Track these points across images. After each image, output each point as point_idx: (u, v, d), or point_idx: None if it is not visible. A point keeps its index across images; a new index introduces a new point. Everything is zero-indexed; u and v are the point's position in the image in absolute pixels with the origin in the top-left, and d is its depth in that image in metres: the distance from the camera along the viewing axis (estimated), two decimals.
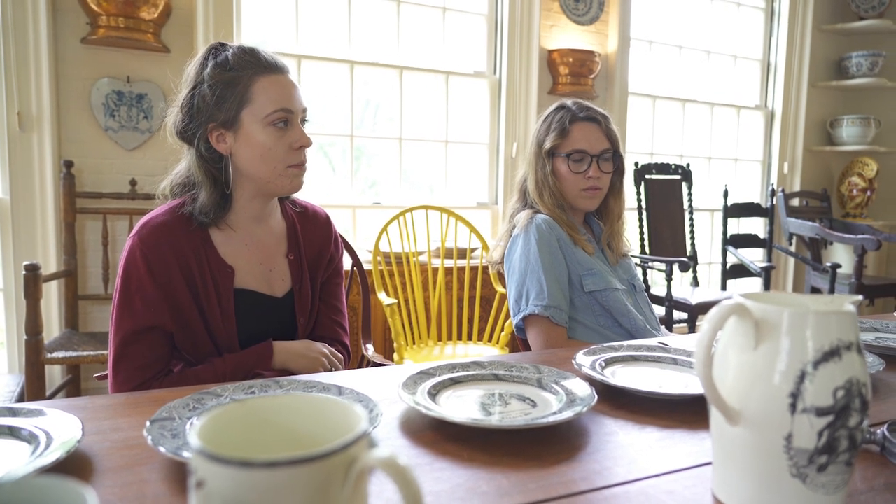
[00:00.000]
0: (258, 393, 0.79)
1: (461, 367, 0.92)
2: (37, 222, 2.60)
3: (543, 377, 0.88)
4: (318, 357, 1.18)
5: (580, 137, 1.49)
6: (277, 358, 1.15)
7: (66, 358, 2.22)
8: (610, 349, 1.04)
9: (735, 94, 4.58)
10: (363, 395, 0.78)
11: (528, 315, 1.41)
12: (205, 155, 1.13)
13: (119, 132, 2.70)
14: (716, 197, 4.42)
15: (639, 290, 1.58)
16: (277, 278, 1.23)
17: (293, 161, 1.14)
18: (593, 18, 3.76)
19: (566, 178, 1.50)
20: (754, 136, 4.69)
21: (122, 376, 1.08)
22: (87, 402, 0.81)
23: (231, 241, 1.18)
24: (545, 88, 3.64)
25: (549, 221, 1.47)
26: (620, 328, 1.47)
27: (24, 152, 2.56)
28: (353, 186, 3.34)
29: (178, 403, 0.73)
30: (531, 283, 1.42)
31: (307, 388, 0.81)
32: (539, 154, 1.52)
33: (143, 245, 1.09)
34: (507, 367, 0.92)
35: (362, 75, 3.32)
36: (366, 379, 0.94)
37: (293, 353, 1.16)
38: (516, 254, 1.47)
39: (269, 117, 1.10)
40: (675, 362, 1.01)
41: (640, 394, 0.85)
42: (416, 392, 0.80)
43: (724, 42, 4.48)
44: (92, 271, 2.71)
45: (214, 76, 1.11)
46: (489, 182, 3.69)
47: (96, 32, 2.55)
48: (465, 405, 0.80)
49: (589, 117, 1.51)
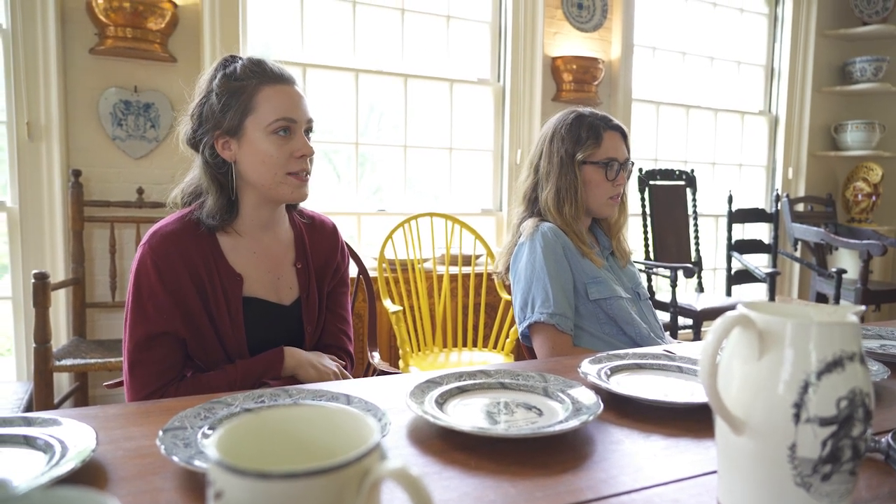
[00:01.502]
0: (267, 402, 0.80)
1: (468, 375, 0.93)
2: (45, 231, 2.62)
3: (549, 386, 0.89)
4: (327, 372, 1.19)
5: (611, 146, 1.51)
6: (288, 363, 1.16)
7: (75, 366, 2.24)
8: (615, 357, 1.05)
9: (739, 99, 4.59)
10: (371, 403, 0.79)
11: (534, 322, 1.42)
12: (210, 161, 1.16)
13: (126, 141, 2.73)
14: (720, 203, 4.42)
15: (643, 298, 1.59)
16: (285, 286, 1.25)
17: (294, 169, 1.15)
18: (597, 25, 3.78)
19: (597, 186, 1.51)
20: (758, 141, 4.70)
21: (139, 381, 1.09)
22: (99, 410, 0.82)
23: (239, 248, 1.19)
24: (549, 95, 3.66)
25: (555, 229, 1.48)
26: (625, 336, 1.48)
27: (33, 162, 2.59)
28: (358, 193, 3.36)
29: (190, 413, 0.74)
30: (537, 291, 1.43)
31: (316, 396, 0.82)
32: (568, 164, 1.50)
33: (154, 253, 1.11)
34: (513, 375, 0.93)
35: (367, 83, 3.34)
36: (373, 387, 0.95)
37: (303, 362, 1.18)
38: (522, 262, 1.48)
39: (272, 126, 1.12)
40: (680, 370, 1.02)
41: (646, 402, 0.86)
42: (423, 401, 0.81)
43: (728, 48, 4.49)
44: (99, 279, 2.73)
45: (222, 85, 1.14)
46: (493, 189, 3.70)
47: (104, 43, 2.58)
48: (472, 414, 0.81)
49: (616, 126, 1.53)
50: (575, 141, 1.50)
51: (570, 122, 1.52)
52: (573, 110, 1.55)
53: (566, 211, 1.49)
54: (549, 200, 1.51)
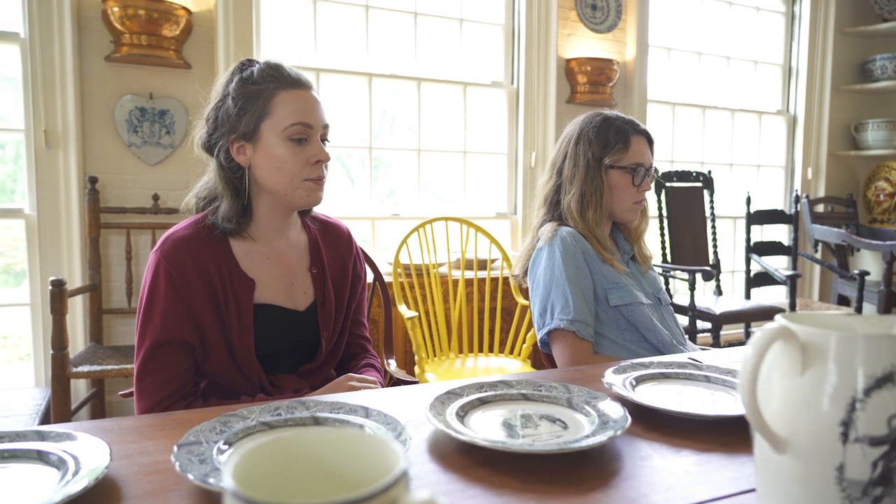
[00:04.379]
0: (284, 414, 0.78)
1: (489, 386, 0.90)
2: (62, 238, 2.64)
3: (573, 397, 0.86)
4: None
5: (638, 151, 1.48)
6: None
7: (91, 372, 2.24)
8: (640, 366, 1.02)
9: (756, 99, 4.53)
10: (390, 417, 0.77)
11: (554, 329, 1.39)
12: (224, 165, 1.14)
13: (142, 147, 2.74)
14: (738, 204, 4.36)
15: (664, 304, 1.55)
16: (299, 292, 1.23)
17: (310, 175, 1.14)
18: (611, 26, 3.74)
19: (622, 191, 1.48)
20: (776, 141, 4.63)
21: (146, 390, 1.08)
22: (114, 423, 0.81)
23: (252, 254, 1.18)
24: (563, 97, 3.62)
25: (574, 234, 1.45)
26: (646, 343, 1.45)
27: (50, 169, 2.60)
28: (372, 198, 3.34)
29: (205, 427, 0.72)
30: (556, 297, 1.40)
31: (333, 408, 0.80)
32: (595, 168, 1.46)
33: (166, 260, 1.09)
34: (535, 386, 0.90)
35: (380, 87, 3.33)
36: (392, 398, 0.93)
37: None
38: (540, 267, 1.45)
39: (287, 130, 1.11)
40: (707, 380, 0.98)
41: (675, 415, 0.83)
42: (444, 413, 0.79)
43: (744, 47, 4.43)
44: (116, 285, 2.74)
45: (238, 89, 1.13)
46: (508, 192, 3.67)
47: (120, 50, 2.59)
48: (494, 427, 0.78)
49: (643, 131, 1.51)
50: (603, 144, 1.47)
51: (598, 125, 1.49)
52: (598, 112, 1.52)
53: (589, 216, 1.46)
54: (572, 204, 1.48)
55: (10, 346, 2.81)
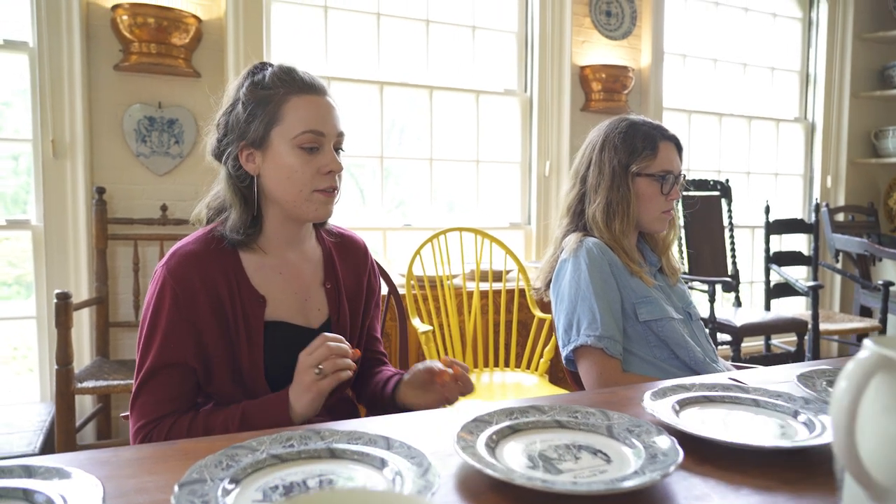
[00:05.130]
0: (297, 446, 0.71)
1: (519, 412, 0.82)
2: (69, 249, 2.59)
3: (614, 425, 0.78)
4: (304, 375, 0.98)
5: (667, 157, 1.41)
6: (296, 409, 0.99)
7: (97, 388, 2.18)
8: (680, 389, 0.94)
9: (773, 106, 4.45)
10: (415, 449, 0.69)
11: (580, 346, 1.31)
12: (233, 173, 1.08)
13: (150, 157, 2.69)
14: (755, 213, 4.26)
15: (695, 318, 1.47)
16: (313, 308, 1.16)
17: (320, 186, 1.07)
18: (626, 33, 3.68)
19: (650, 200, 1.40)
20: (794, 149, 4.54)
21: (142, 409, 1.02)
22: (111, 454, 0.74)
23: (264, 268, 1.11)
24: (578, 105, 3.56)
25: (601, 245, 1.37)
26: (677, 360, 1.37)
27: (58, 179, 2.56)
28: (383, 208, 3.28)
29: (210, 461, 0.65)
30: (582, 312, 1.32)
31: (351, 439, 0.73)
32: (621, 175, 1.39)
33: (171, 277, 1.03)
34: (570, 412, 0.83)
35: (392, 96, 3.28)
36: (413, 425, 0.85)
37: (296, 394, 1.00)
38: (565, 280, 1.38)
39: (298, 138, 1.04)
40: (756, 404, 0.90)
41: (731, 446, 0.74)
42: (474, 445, 0.71)
43: (761, 54, 4.36)
44: (123, 298, 2.68)
45: (249, 94, 1.07)
46: (521, 202, 3.60)
47: (129, 59, 2.55)
48: (528, 459, 0.70)
49: (671, 136, 1.43)
50: (629, 151, 1.39)
51: (624, 131, 1.41)
52: (624, 118, 1.45)
53: (616, 226, 1.39)
54: (597, 214, 1.40)
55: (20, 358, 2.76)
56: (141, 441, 1.02)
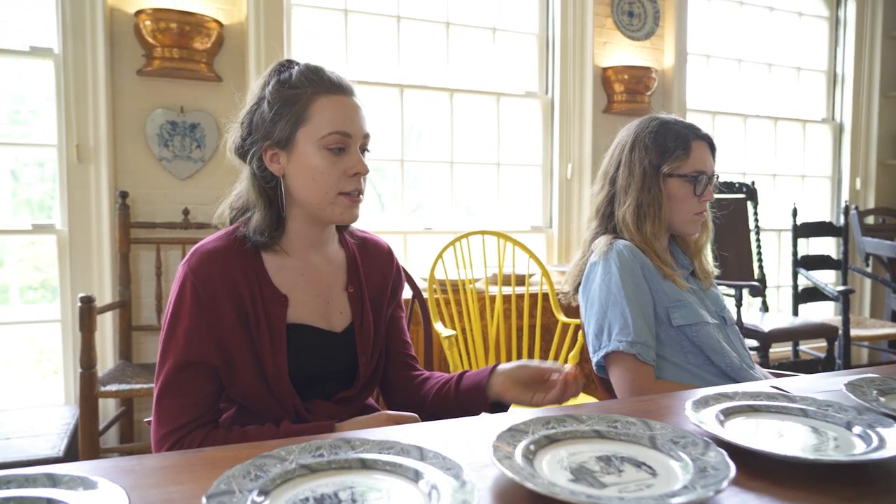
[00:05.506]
0: (327, 456, 0.69)
1: (556, 420, 0.79)
2: (93, 253, 2.60)
3: (657, 436, 0.74)
4: (373, 422, 1.03)
5: (699, 158, 1.36)
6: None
7: (120, 391, 2.18)
8: (723, 398, 0.90)
9: (800, 107, 4.36)
10: (450, 460, 0.66)
11: (612, 352, 1.27)
12: (257, 174, 1.06)
13: (172, 162, 2.70)
14: (781, 216, 4.18)
15: (729, 323, 1.43)
16: (335, 311, 1.14)
17: (346, 188, 1.05)
18: (648, 33, 3.63)
19: (682, 201, 1.36)
20: (822, 151, 4.44)
21: (164, 414, 1.00)
22: (136, 463, 0.72)
23: (286, 270, 1.09)
24: (600, 107, 3.51)
25: (632, 248, 1.33)
26: (713, 366, 1.32)
27: (82, 184, 2.57)
28: (404, 211, 3.26)
29: (238, 471, 0.63)
30: (613, 317, 1.28)
31: (383, 449, 0.70)
32: (652, 176, 1.35)
33: (193, 274, 1.01)
34: (609, 421, 0.79)
35: (412, 98, 3.26)
36: (446, 435, 0.82)
37: (349, 426, 1.02)
38: (595, 283, 1.34)
39: (325, 139, 1.02)
40: (804, 414, 0.86)
41: (787, 460, 0.70)
42: (512, 456, 0.68)
43: (787, 54, 4.28)
44: (145, 301, 2.69)
45: (275, 93, 1.04)
46: (543, 205, 3.56)
47: (151, 64, 2.57)
48: (568, 471, 0.67)
49: (704, 136, 1.39)
50: (660, 151, 1.35)
51: (655, 130, 1.37)
52: (654, 117, 1.41)
53: (647, 228, 1.34)
54: (627, 216, 1.36)
55: (46, 361, 2.79)
56: (167, 450, 0.99)
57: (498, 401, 1.10)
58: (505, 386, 1.07)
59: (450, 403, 1.13)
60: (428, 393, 1.17)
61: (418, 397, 1.18)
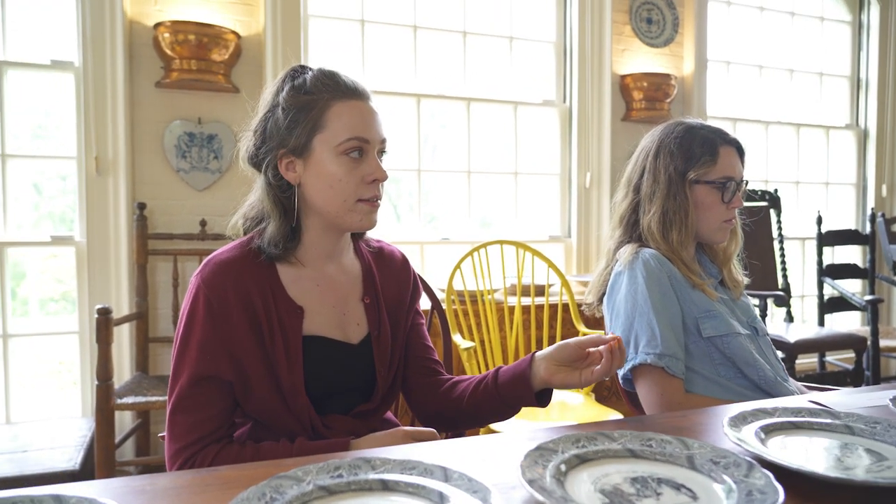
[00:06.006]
0: (346, 476, 0.65)
1: (586, 439, 0.75)
2: (111, 265, 2.60)
3: (695, 455, 0.70)
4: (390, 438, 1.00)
5: (727, 163, 1.32)
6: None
7: (136, 404, 2.16)
8: (761, 414, 0.85)
9: (822, 113, 4.28)
10: (476, 482, 0.62)
11: (639, 365, 1.23)
12: (272, 183, 1.03)
13: (190, 173, 2.70)
14: (804, 225, 4.09)
15: (761, 334, 1.37)
16: (352, 323, 1.10)
17: (365, 195, 1.02)
18: (667, 40, 3.59)
19: (710, 209, 1.32)
20: (846, 157, 4.36)
21: (178, 429, 0.97)
22: (147, 482, 0.69)
23: (301, 280, 1.06)
24: (618, 115, 3.47)
25: (658, 256, 1.29)
26: (745, 379, 1.27)
27: (100, 196, 2.58)
28: (420, 222, 3.24)
29: (253, 493, 0.59)
30: (640, 328, 1.23)
31: (405, 469, 0.66)
32: (678, 183, 1.31)
33: (206, 285, 0.99)
34: (643, 439, 0.75)
35: (429, 108, 3.25)
36: (470, 453, 0.78)
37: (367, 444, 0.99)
38: (620, 293, 1.29)
39: (342, 146, 0.99)
40: (850, 431, 0.81)
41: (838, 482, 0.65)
42: (543, 477, 0.64)
43: (809, 59, 4.21)
44: (162, 313, 2.69)
45: (289, 99, 1.02)
46: (561, 214, 3.52)
47: (170, 76, 2.58)
48: (603, 494, 0.63)
49: (732, 140, 1.34)
50: (687, 157, 1.31)
51: (681, 136, 1.33)
52: (679, 122, 1.37)
53: (673, 236, 1.30)
54: (652, 224, 1.32)
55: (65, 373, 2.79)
56: (180, 467, 0.97)
57: (542, 390, 1.06)
58: (550, 371, 1.02)
59: (492, 401, 1.08)
60: (462, 395, 1.12)
61: (450, 401, 1.13)
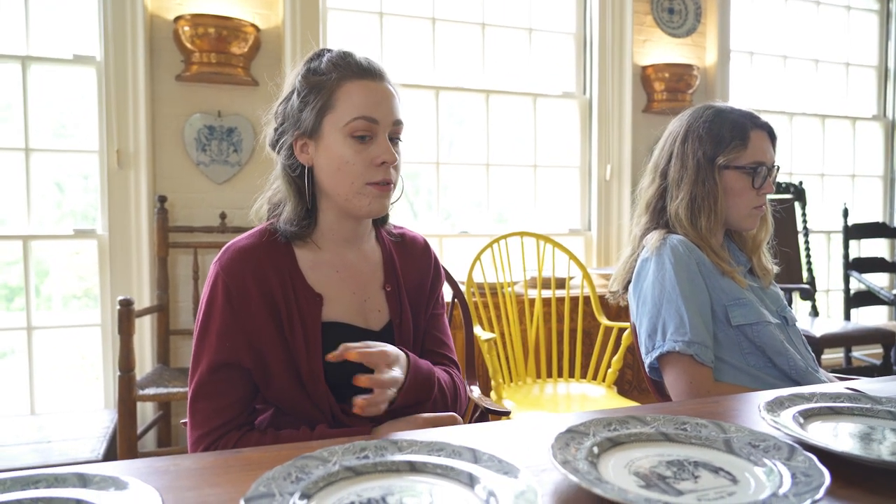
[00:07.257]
0: (372, 457, 0.64)
1: (618, 422, 0.73)
2: (132, 258, 2.62)
3: (732, 439, 0.67)
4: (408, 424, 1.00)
5: (759, 148, 1.28)
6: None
7: (157, 395, 2.18)
8: (799, 399, 0.82)
9: (849, 104, 4.19)
10: (507, 463, 0.60)
11: (667, 353, 1.20)
12: (285, 164, 1.03)
13: (210, 166, 2.71)
14: (830, 217, 4.01)
15: (791, 323, 1.33)
16: (373, 310, 1.09)
17: (373, 178, 0.99)
18: (690, 30, 3.53)
19: (740, 194, 1.28)
20: (873, 149, 4.26)
21: (199, 416, 0.97)
22: (170, 463, 0.68)
23: (320, 266, 1.05)
24: (639, 107, 3.42)
25: (686, 243, 1.26)
26: (775, 369, 1.23)
27: (122, 189, 2.60)
28: (440, 215, 3.22)
29: (278, 473, 0.58)
30: (668, 315, 1.20)
31: (432, 450, 0.65)
32: (707, 168, 1.28)
33: (224, 272, 0.98)
34: (677, 423, 0.72)
35: (448, 100, 3.23)
36: (497, 437, 0.76)
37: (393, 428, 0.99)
38: (647, 280, 1.26)
39: (349, 126, 0.97)
40: (892, 416, 0.77)
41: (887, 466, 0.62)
42: (577, 459, 0.62)
43: (835, 49, 4.11)
44: (183, 305, 2.70)
45: (304, 80, 1.01)
46: (581, 207, 3.48)
47: (190, 69, 2.58)
48: (639, 478, 0.61)
49: (763, 124, 1.31)
50: (716, 142, 1.27)
51: (710, 120, 1.29)
52: (709, 105, 1.34)
53: (701, 223, 1.27)
54: (680, 211, 1.29)
55: (88, 366, 2.82)
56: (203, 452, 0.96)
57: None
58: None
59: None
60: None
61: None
